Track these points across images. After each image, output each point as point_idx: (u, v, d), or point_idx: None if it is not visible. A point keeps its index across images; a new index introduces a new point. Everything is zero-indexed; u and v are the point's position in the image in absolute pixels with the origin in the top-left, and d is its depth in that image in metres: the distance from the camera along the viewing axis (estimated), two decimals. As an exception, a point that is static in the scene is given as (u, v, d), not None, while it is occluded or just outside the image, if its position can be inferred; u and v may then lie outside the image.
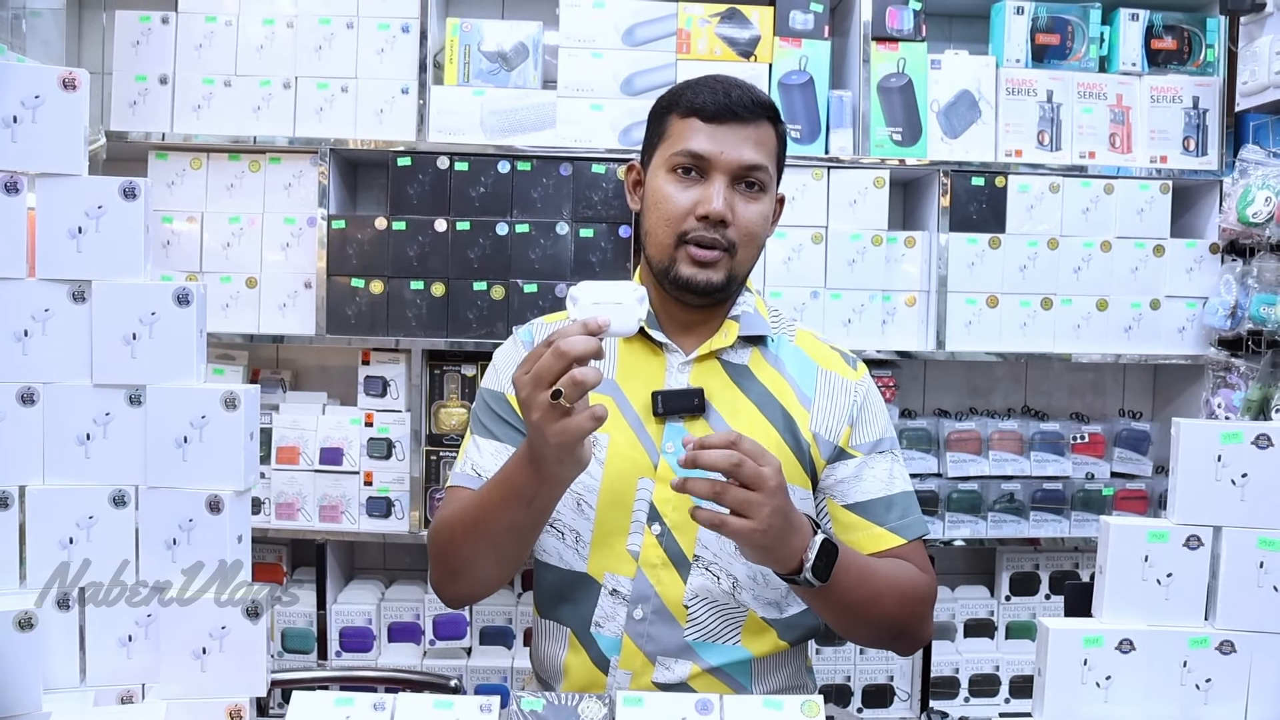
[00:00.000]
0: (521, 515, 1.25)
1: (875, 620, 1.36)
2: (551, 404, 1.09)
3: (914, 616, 1.40)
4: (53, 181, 1.10)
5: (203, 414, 1.11)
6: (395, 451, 2.30)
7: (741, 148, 1.37)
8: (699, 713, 1.06)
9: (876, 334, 2.34)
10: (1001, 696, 2.46)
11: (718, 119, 1.37)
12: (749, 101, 1.38)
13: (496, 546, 1.30)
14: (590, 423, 1.10)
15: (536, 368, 1.10)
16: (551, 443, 1.11)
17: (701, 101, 1.38)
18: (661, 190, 1.40)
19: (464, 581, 1.37)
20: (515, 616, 2.39)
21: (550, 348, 1.09)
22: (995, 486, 2.39)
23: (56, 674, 1.09)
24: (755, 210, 1.40)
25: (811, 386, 1.46)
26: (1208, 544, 1.14)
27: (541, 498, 1.23)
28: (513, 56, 2.33)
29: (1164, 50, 2.43)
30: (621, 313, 1.12)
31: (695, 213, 1.37)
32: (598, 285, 1.14)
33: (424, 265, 2.27)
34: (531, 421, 1.12)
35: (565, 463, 1.15)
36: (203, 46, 2.30)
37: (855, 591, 1.30)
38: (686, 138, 1.38)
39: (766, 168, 1.39)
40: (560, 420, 1.09)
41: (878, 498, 1.43)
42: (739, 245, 1.39)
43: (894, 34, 2.36)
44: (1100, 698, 1.13)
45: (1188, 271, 2.40)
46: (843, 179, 2.33)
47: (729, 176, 1.37)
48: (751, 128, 1.38)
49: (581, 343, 1.08)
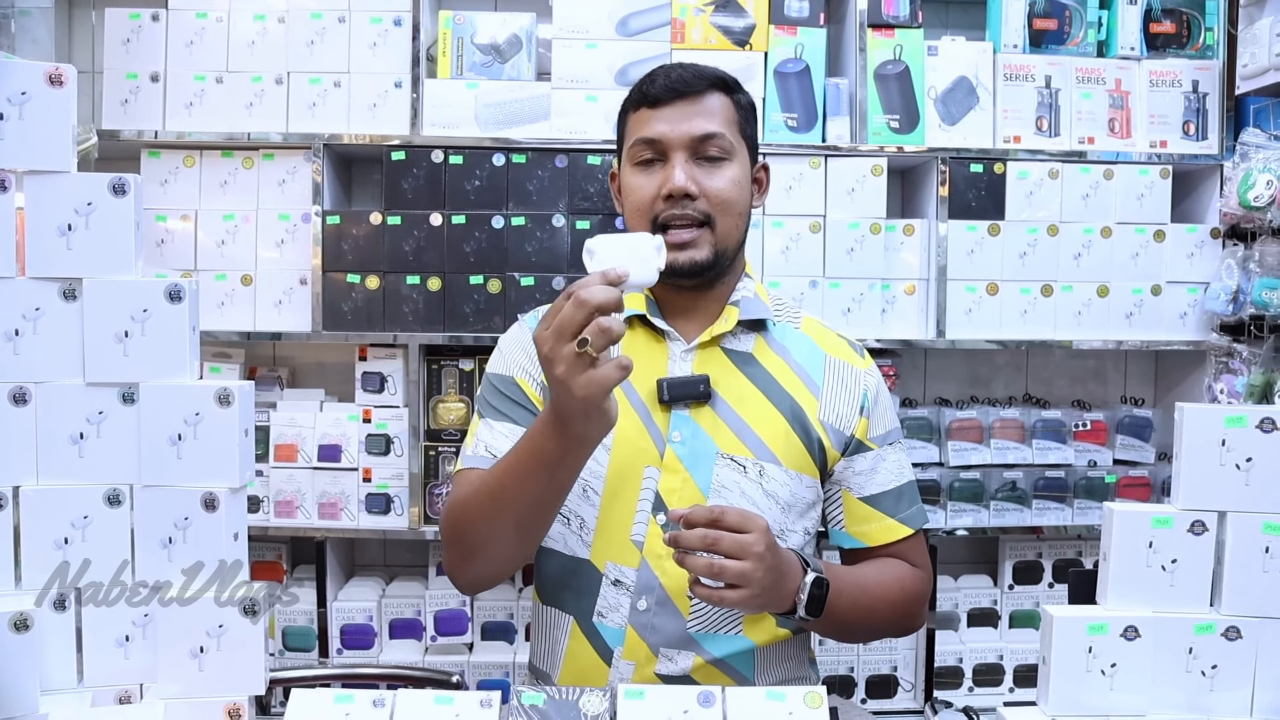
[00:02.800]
0: (545, 486, 1.22)
1: (869, 632, 1.48)
2: (577, 355, 1.05)
3: (906, 618, 1.47)
4: (41, 179, 1.10)
5: (196, 411, 1.10)
6: (394, 447, 2.29)
7: (691, 120, 1.39)
8: (701, 705, 1.05)
9: (876, 323, 2.33)
10: (1006, 686, 2.45)
11: (664, 101, 1.39)
12: (692, 77, 1.40)
13: (518, 522, 1.27)
14: (618, 372, 1.07)
15: (558, 320, 1.07)
16: (578, 395, 1.07)
17: (646, 90, 1.41)
18: (629, 183, 1.42)
19: (481, 562, 1.33)
20: (517, 612, 2.38)
21: (570, 299, 1.06)
22: (997, 475, 2.38)
23: (54, 675, 1.09)
24: (723, 178, 1.39)
25: (820, 374, 1.46)
26: (1212, 529, 1.13)
27: (567, 463, 1.19)
28: (506, 49, 2.31)
29: (1163, 34, 2.41)
30: (640, 263, 1.10)
31: (661, 194, 1.38)
32: (614, 238, 1.11)
33: (420, 260, 2.26)
34: (555, 376, 1.08)
35: (592, 418, 1.12)
36: (194, 43, 2.29)
37: (850, 613, 1.34)
38: (640, 128, 1.41)
39: (723, 134, 1.40)
40: (586, 371, 1.06)
41: (890, 489, 1.46)
42: (714, 215, 1.39)
43: (890, 21, 2.34)
44: (1105, 686, 1.12)
45: (1189, 257, 2.39)
46: (840, 167, 2.32)
47: (686, 152, 1.38)
48: (700, 101, 1.40)
49: (602, 292, 1.05)
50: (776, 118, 2.32)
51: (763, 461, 1.39)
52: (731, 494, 1.38)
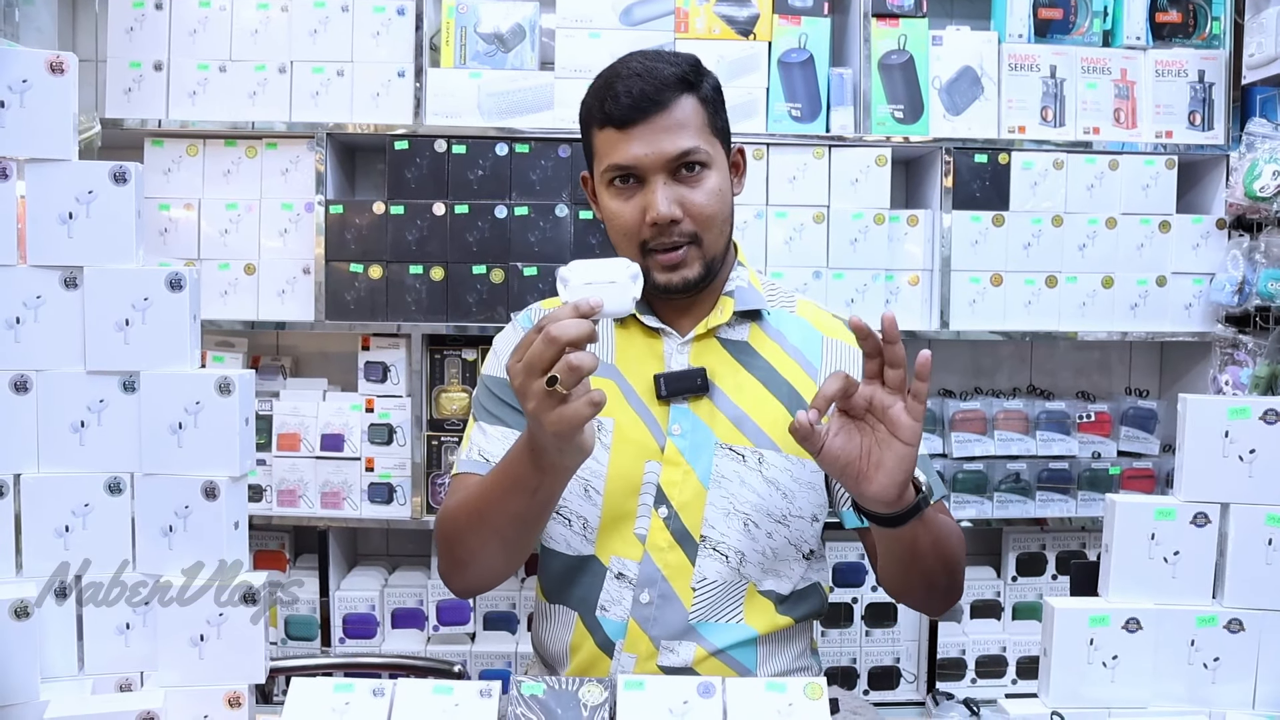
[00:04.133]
0: (526, 505, 1.22)
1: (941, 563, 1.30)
2: (547, 392, 1.04)
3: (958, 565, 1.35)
4: (42, 167, 1.09)
5: (197, 400, 1.09)
6: (396, 437, 2.29)
7: (663, 141, 1.32)
8: (701, 696, 1.05)
9: (880, 314, 2.31)
10: (1008, 677, 2.45)
11: (630, 122, 1.33)
12: (654, 89, 1.32)
13: (502, 537, 1.28)
14: (589, 409, 1.05)
15: (528, 355, 1.05)
16: (549, 431, 1.07)
17: (610, 110, 1.34)
18: (609, 207, 1.38)
19: (471, 573, 1.35)
20: (519, 602, 2.39)
21: (541, 334, 1.04)
22: (1001, 467, 2.38)
23: (54, 663, 1.09)
24: (705, 191, 1.35)
25: (817, 356, 1.45)
26: (1215, 521, 1.12)
27: (545, 488, 1.20)
28: (510, 38, 2.30)
29: (1169, 23, 2.40)
30: (615, 292, 1.07)
31: (646, 221, 1.34)
32: (589, 264, 1.09)
33: (423, 249, 2.25)
34: (528, 411, 1.07)
35: (566, 452, 1.11)
36: (197, 32, 2.29)
37: (928, 532, 1.24)
38: (610, 152, 1.35)
39: (699, 147, 1.34)
40: (557, 408, 1.05)
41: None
42: (701, 232, 1.36)
43: (894, 10, 2.33)
44: (1107, 678, 1.12)
45: (1194, 248, 2.38)
46: (844, 158, 2.31)
47: (664, 173, 1.34)
48: (669, 113, 1.33)
49: (574, 326, 1.03)
50: (780, 108, 2.31)
51: (761, 449, 1.39)
52: (732, 483, 1.38)
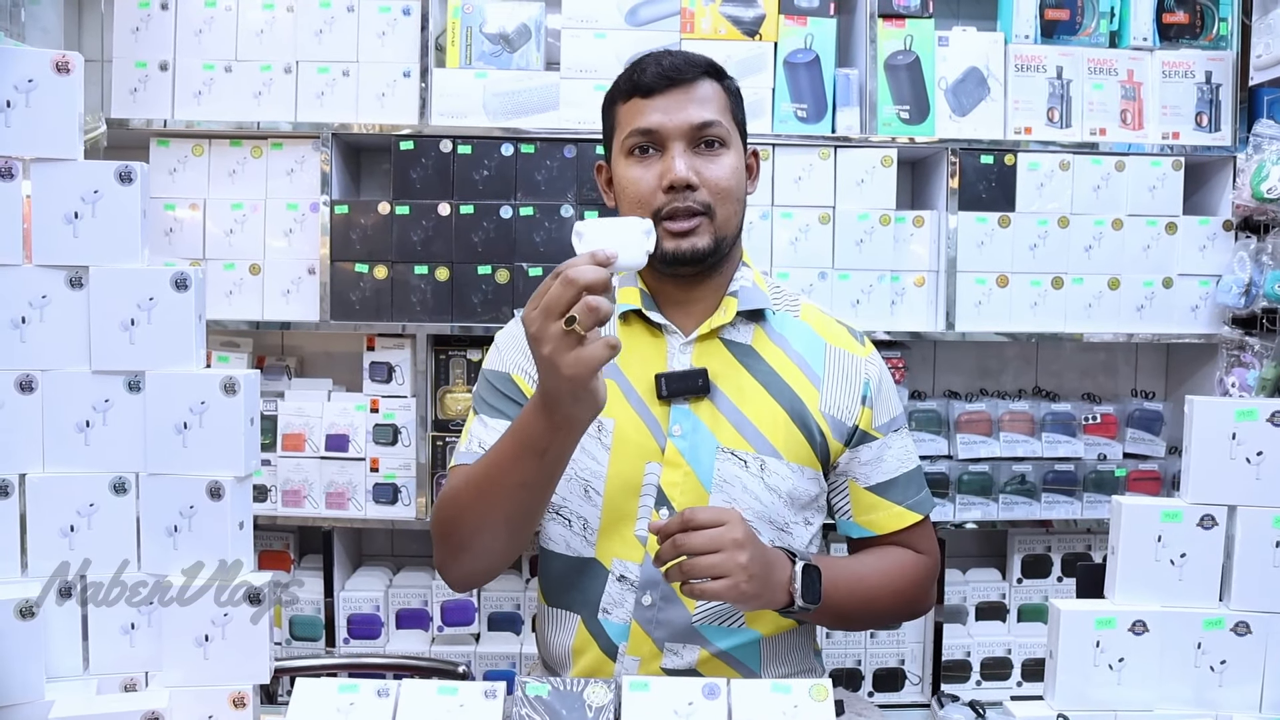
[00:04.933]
0: (534, 471, 1.20)
1: (873, 618, 1.49)
2: (565, 333, 1.05)
3: (912, 603, 1.47)
4: (48, 166, 1.09)
5: (202, 400, 1.09)
6: (401, 437, 2.29)
7: (688, 109, 1.37)
8: (706, 697, 1.05)
9: (885, 315, 2.32)
10: (1013, 680, 2.44)
11: (657, 90, 1.38)
12: (683, 64, 1.39)
13: (505, 511, 1.25)
14: (606, 351, 1.07)
15: (546, 299, 1.06)
16: (566, 374, 1.07)
17: (637, 79, 1.39)
18: (626, 176, 1.40)
19: (469, 557, 1.33)
20: (523, 602, 2.39)
21: (559, 278, 1.06)
22: (1006, 468, 2.37)
23: (59, 662, 1.09)
24: (722, 165, 1.39)
25: (820, 364, 1.45)
26: (1222, 523, 1.12)
27: (555, 447, 1.18)
28: (515, 38, 2.30)
29: (1176, 24, 2.39)
30: (629, 246, 1.10)
31: (661, 186, 1.36)
32: (603, 221, 1.11)
33: (428, 250, 2.25)
34: (543, 355, 1.08)
35: (581, 399, 1.11)
36: (203, 32, 2.29)
37: (849, 601, 1.35)
38: (634, 118, 1.39)
39: (719, 122, 1.39)
40: (574, 350, 1.06)
41: (896, 476, 1.46)
42: (715, 205, 1.38)
43: (901, 11, 2.33)
44: (1113, 680, 1.11)
45: (1201, 249, 2.37)
46: (850, 158, 2.31)
47: (685, 141, 1.37)
48: (694, 88, 1.39)
49: (591, 271, 1.05)
50: (786, 108, 2.31)
51: (763, 455, 1.38)
52: (734, 488, 1.37)
